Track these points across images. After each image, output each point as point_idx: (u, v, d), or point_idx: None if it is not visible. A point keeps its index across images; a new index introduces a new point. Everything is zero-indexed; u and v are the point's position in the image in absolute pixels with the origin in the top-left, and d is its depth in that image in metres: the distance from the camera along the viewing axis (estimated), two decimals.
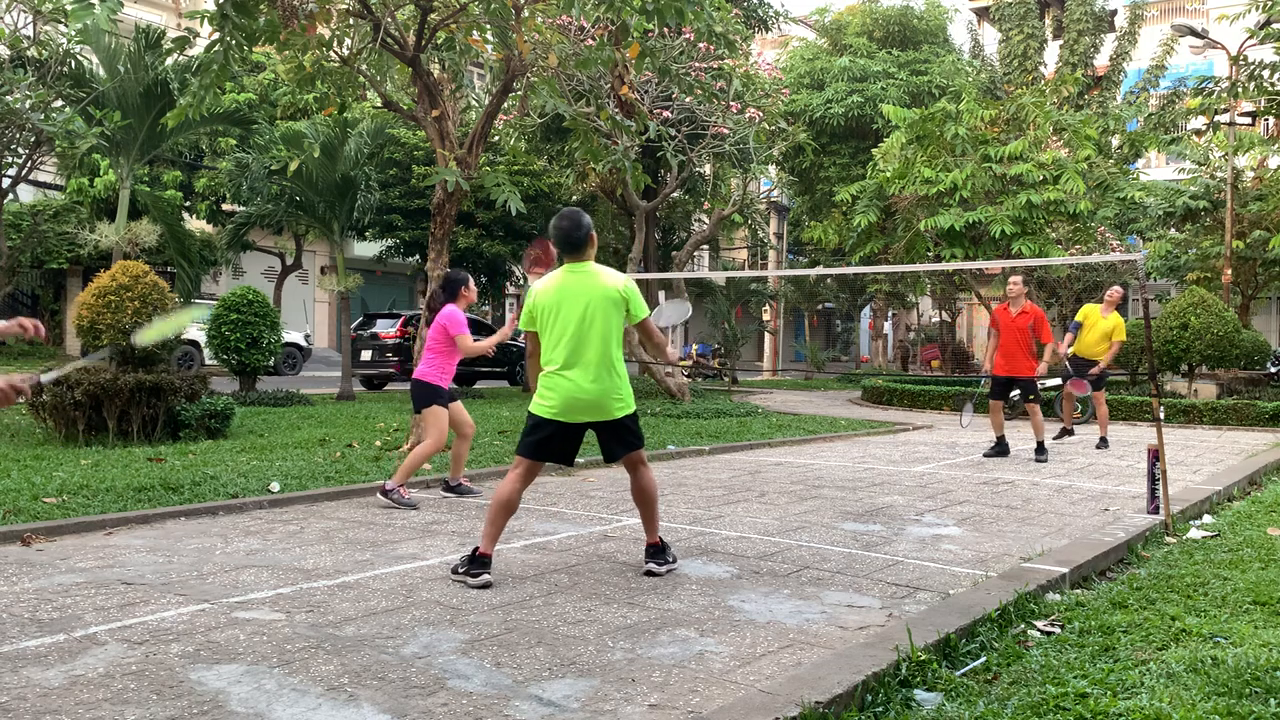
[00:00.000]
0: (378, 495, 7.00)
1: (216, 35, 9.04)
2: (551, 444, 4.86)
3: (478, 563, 4.76)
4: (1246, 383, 18.30)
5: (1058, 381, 15.60)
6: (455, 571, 4.82)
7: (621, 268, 21.58)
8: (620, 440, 4.95)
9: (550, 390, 4.79)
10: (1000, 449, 10.59)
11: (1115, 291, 11.96)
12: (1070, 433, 12.54)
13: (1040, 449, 10.27)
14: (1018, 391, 10.81)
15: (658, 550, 5.10)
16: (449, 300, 7.08)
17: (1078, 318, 12.05)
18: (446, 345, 6.98)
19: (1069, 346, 11.93)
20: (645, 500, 5.07)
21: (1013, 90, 24.53)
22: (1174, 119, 26.15)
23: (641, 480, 5.04)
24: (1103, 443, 11.71)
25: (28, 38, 16.32)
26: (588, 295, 4.77)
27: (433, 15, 10.16)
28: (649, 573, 5.01)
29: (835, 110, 25.50)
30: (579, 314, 4.75)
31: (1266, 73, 17.67)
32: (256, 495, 6.95)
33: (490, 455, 9.41)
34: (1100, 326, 11.70)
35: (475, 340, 7.02)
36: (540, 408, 4.83)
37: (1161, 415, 7.56)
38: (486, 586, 4.69)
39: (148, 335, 4.00)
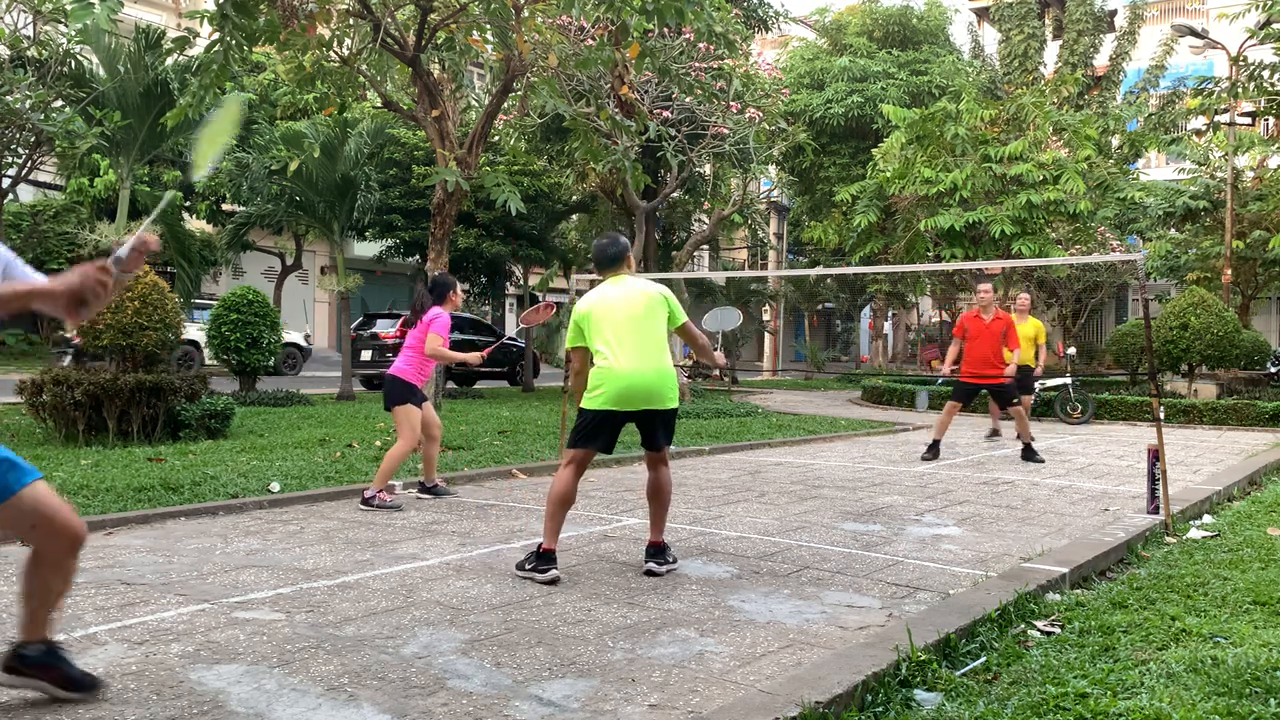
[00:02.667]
0: (359, 505, 6.85)
1: (216, 35, 9.05)
2: (600, 434, 5.00)
3: (544, 559, 4.86)
4: (1246, 383, 18.30)
5: (1061, 382, 15.65)
6: (521, 568, 4.92)
7: None
8: (665, 432, 5.07)
9: (603, 382, 4.91)
10: (933, 452, 10.27)
11: (1023, 299, 12.38)
12: (998, 434, 12.72)
13: (1029, 451, 10.08)
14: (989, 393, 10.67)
15: (659, 550, 5.12)
16: (437, 303, 7.04)
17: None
18: None
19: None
20: (660, 498, 5.15)
21: (1013, 90, 24.53)
22: (1174, 119, 26.15)
23: (662, 478, 5.16)
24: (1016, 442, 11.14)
25: (28, 38, 16.31)
26: (634, 295, 5.02)
27: (433, 15, 10.17)
28: (649, 572, 5.03)
29: (835, 110, 25.50)
30: (629, 311, 4.97)
31: (1266, 73, 17.66)
32: (256, 495, 6.95)
33: (490, 455, 9.41)
34: (1024, 334, 12.00)
35: (450, 349, 7.00)
36: (592, 401, 4.95)
37: (1161, 415, 7.56)
38: (554, 582, 4.79)
39: (204, 154, 3.14)
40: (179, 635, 3.90)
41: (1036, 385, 15.71)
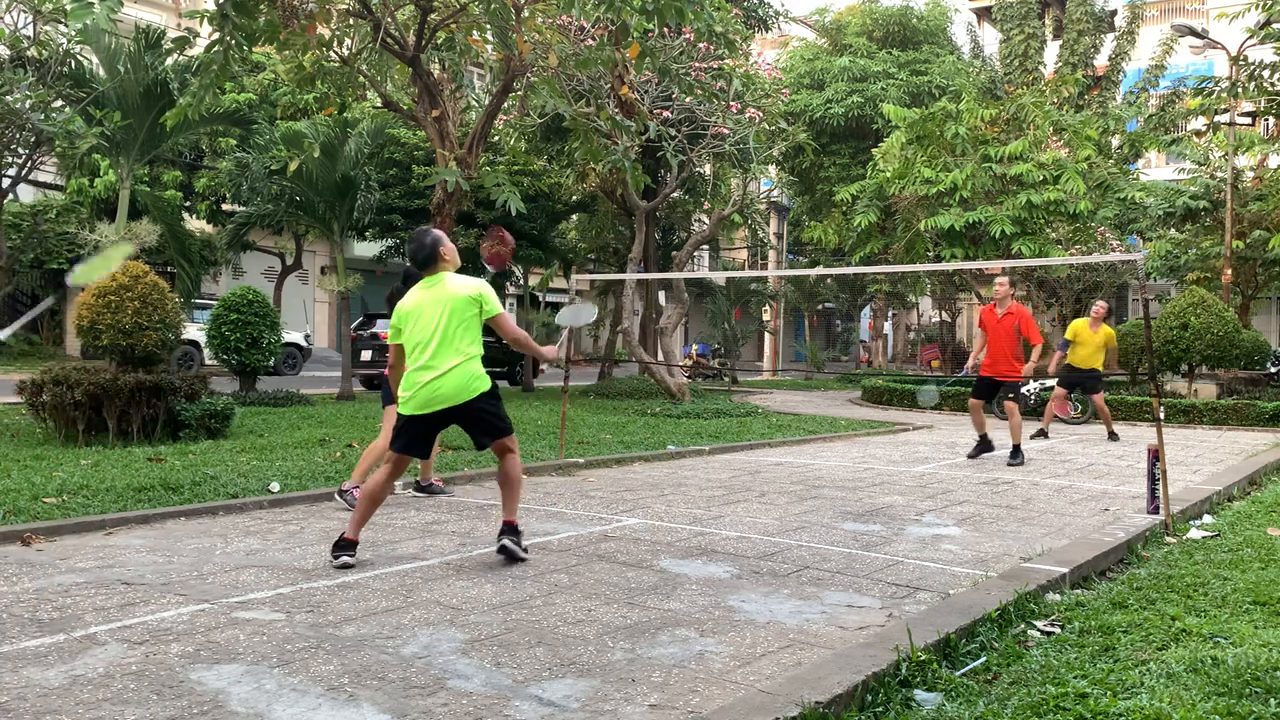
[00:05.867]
0: (335, 497, 6.92)
1: (216, 35, 9.04)
2: (414, 437, 5.23)
3: (341, 546, 5.09)
4: (1246, 383, 18.29)
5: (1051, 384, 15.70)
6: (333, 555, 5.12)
7: (621, 268, 21.58)
8: (484, 429, 5.24)
9: (410, 390, 5.14)
10: (984, 446, 10.40)
11: (1100, 307, 12.72)
12: (1045, 435, 12.83)
13: (1015, 452, 9.97)
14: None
15: (513, 529, 5.30)
16: None
17: (1067, 335, 12.77)
18: None
19: (1057, 364, 12.95)
20: (509, 484, 5.31)
21: (1013, 90, 24.53)
22: (1174, 119, 26.14)
23: (509, 466, 5.30)
24: (1113, 436, 12.54)
25: (28, 38, 16.30)
26: (441, 301, 5.20)
27: (433, 15, 10.16)
28: (503, 549, 5.22)
29: (835, 110, 25.50)
30: (435, 318, 5.15)
31: (1266, 73, 17.66)
32: (256, 495, 6.95)
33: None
34: (1095, 340, 12.48)
35: None
36: (404, 407, 5.18)
37: (1161, 415, 7.56)
38: (347, 567, 5.02)
39: (84, 273, 3.46)
40: (179, 635, 3.90)
41: (1034, 384, 15.85)
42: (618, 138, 12.48)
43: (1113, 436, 12.65)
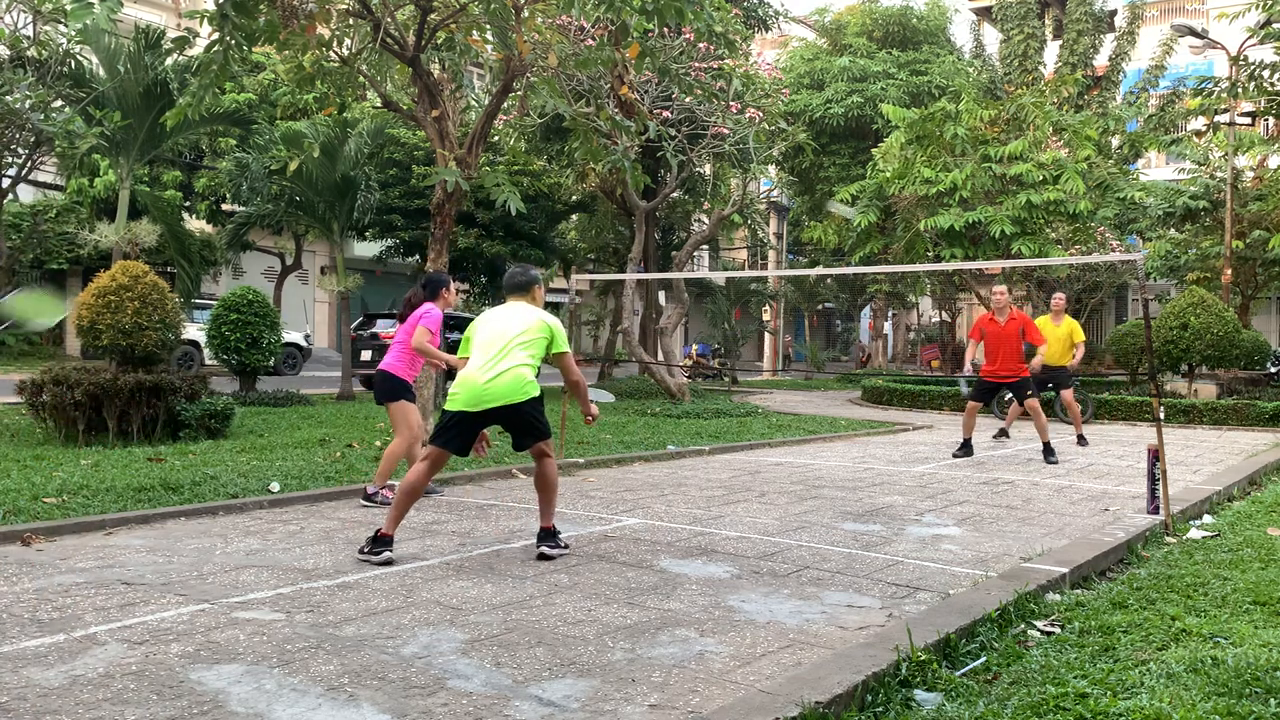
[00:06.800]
0: (360, 502, 6.94)
1: (216, 35, 9.03)
2: (459, 433, 5.35)
3: (379, 542, 5.20)
4: (1246, 383, 18.29)
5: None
6: (361, 552, 5.25)
7: (621, 268, 21.58)
8: (526, 431, 5.40)
9: (461, 388, 5.29)
10: (966, 450, 10.64)
11: (1058, 299, 12.54)
12: (1006, 435, 12.78)
13: (1048, 450, 10.14)
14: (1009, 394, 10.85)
15: (550, 534, 5.45)
16: (430, 300, 6.95)
17: None
18: None
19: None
20: (545, 488, 5.47)
21: (1013, 90, 24.52)
22: (1174, 119, 26.13)
23: (545, 469, 5.46)
24: (1081, 440, 12.01)
25: (28, 38, 16.29)
26: (518, 319, 5.47)
27: (433, 15, 10.16)
28: (542, 555, 5.33)
29: (835, 110, 25.50)
30: (506, 329, 5.41)
31: (1266, 73, 17.65)
32: (256, 495, 6.95)
33: (490, 455, 9.37)
34: (1058, 334, 12.12)
35: (444, 349, 6.91)
36: (453, 403, 5.31)
37: (1161, 415, 7.56)
38: (388, 563, 5.12)
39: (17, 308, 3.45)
40: (179, 635, 3.90)
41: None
42: (618, 138, 12.48)
43: (1081, 440, 11.93)
